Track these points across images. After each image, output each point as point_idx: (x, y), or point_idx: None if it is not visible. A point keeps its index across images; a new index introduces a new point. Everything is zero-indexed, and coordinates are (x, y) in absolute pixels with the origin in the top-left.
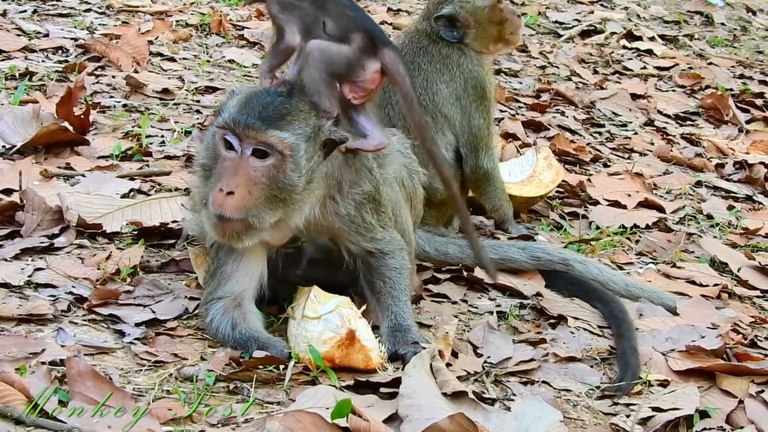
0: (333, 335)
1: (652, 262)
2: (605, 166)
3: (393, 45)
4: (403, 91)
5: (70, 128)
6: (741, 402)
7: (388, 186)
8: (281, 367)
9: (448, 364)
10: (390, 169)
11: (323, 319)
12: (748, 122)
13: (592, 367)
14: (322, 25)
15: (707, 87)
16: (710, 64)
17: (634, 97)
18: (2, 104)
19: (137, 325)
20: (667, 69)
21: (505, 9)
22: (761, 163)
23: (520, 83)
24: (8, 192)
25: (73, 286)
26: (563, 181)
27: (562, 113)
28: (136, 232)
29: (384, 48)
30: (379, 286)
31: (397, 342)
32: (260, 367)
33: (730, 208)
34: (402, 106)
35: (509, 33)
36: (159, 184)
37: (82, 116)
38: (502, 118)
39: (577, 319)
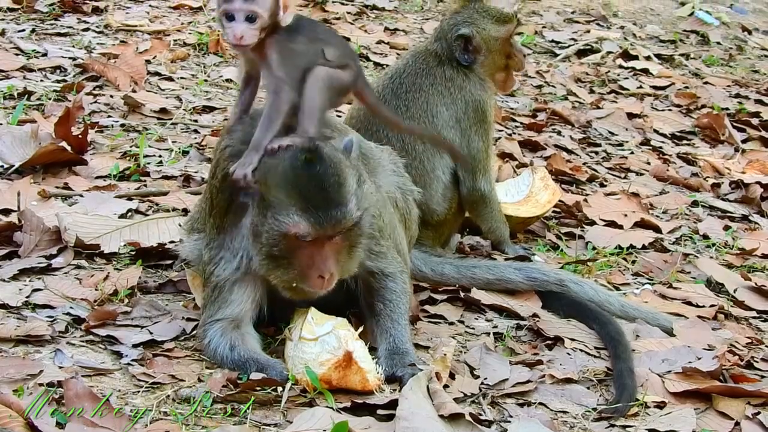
0: (330, 357)
1: (649, 283)
2: (602, 185)
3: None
4: (370, 103)
5: (69, 148)
6: (738, 424)
7: (382, 203)
8: (278, 388)
9: (445, 386)
10: (383, 189)
11: (320, 340)
12: (744, 142)
13: (588, 388)
14: (321, 53)
15: (703, 106)
16: (706, 83)
17: (631, 116)
18: (1, 124)
19: (135, 346)
20: (663, 88)
21: (515, 45)
22: (757, 182)
23: (517, 102)
24: (6, 212)
25: (71, 307)
26: (560, 201)
27: (559, 133)
28: (133, 253)
29: (363, 78)
30: (379, 308)
31: (395, 364)
32: (257, 388)
33: (727, 228)
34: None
35: (514, 67)
36: (156, 204)
37: (80, 136)
38: (499, 138)
39: (573, 340)
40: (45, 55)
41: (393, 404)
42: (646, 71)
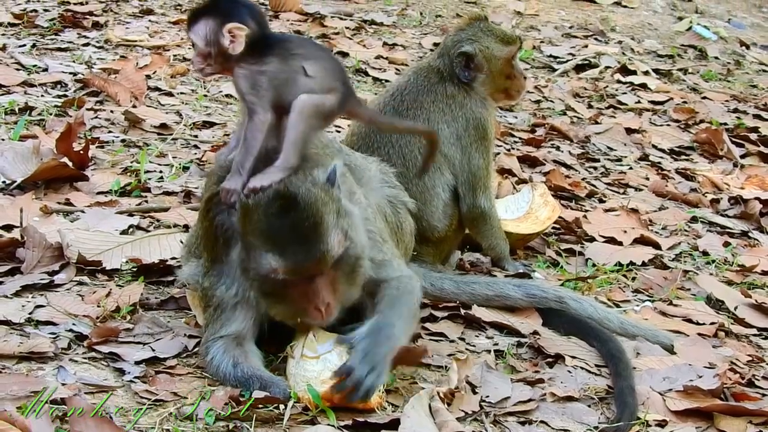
0: (332, 375)
1: (649, 300)
2: (601, 201)
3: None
4: (367, 118)
5: (70, 164)
6: None
7: (371, 216)
8: (281, 406)
9: (447, 404)
10: (371, 200)
11: (322, 358)
12: (742, 157)
13: (590, 406)
14: (302, 70)
15: (702, 121)
16: (704, 98)
17: (629, 131)
18: (2, 140)
19: (137, 363)
20: (662, 103)
21: (516, 67)
22: (756, 198)
23: (515, 118)
24: (9, 228)
25: (74, 324)
26: (559, 217)
27: (558, 148)
28: (135, 269)
29: (353, 97)
30: (381, 304)
31: (364, 340)
32: (260, 406)
33: (726, 244)
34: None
35: (514, 89)
36: (158, 220)
37: (81, 152)
38: (498, 153)
39: (574, 357)
40: (46, 70)
41: (395, 423)
42: (644, 86)
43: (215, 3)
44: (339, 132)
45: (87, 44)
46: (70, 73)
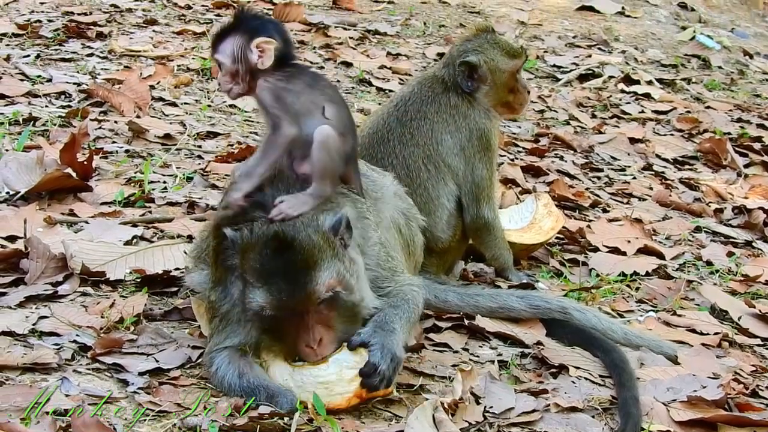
0: (354, 371)
1: (653, 310)
2: (604, 211)
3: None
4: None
5: (74, 174)
6: None
7: (385, 230)
8: (285, 417)
9: (451, 414)
10: (386, 212)
11: (333, 360)
12: (746, 166)
13: (593, 417)
14: (322, 110)
15: (705, 131)
16: (708, 107)
17: (633, 141)
18: (6, 150)
19: (141, 374)
20: (665, 113)
21: (520, 80)
22: (760, 208)
23: (519, 127)
24: (12, 239)
25: (77, 335)
26: (563, 227)
27: (561, 158)
28: (139, 280)
29: (354, 157)
30: (379, 311)
31: (375, 335)
32: (265, 416)
33: (730, 254)
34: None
35: (516, 103)
36: (161, 231)
37: (85, 162)
38: (502, 163)
39: (578, 368)
40: (50, 80)
41: None
42: (647, 96)
43: (241, 20)
44: None
45: (91, 54)
46: (74, 83)
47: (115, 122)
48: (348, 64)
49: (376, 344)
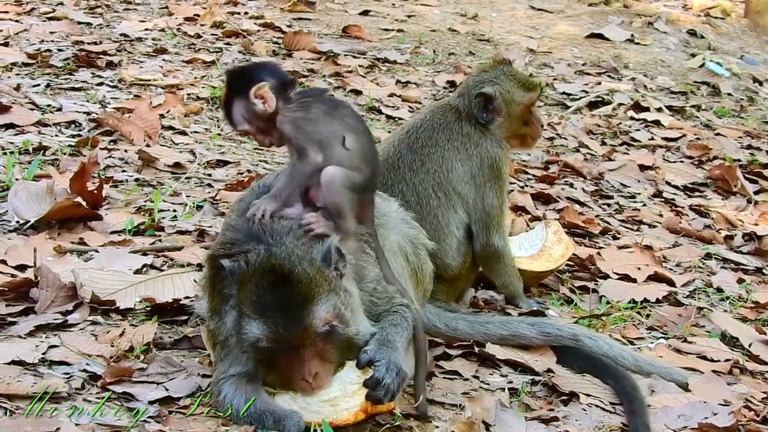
0: (357, 386)
1: (663, 337)
2: (615, 238)
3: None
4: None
5: (84, 203)
6: None
7: (392, 255)
8: None
9: None
10: (391, 238)
11: (335, 378)
12: (756, 193)
13: None
14: (342, 140)
15: (715, 158)
16: (718, 134)
17: (643, 168)
18: (17, 179)
19: (151, 402)
20: (675, 140)
21: (534, 114)
22: None
23: (529, 155)
24: (23, 268)
25: (87, 364)
26: (573, 254)
27: (571, 185)
28: (149, 309)
29: (373, 189)
30: (379, 330)
31: (380, 351)
32: None
33: (740, 281)
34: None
35: (529, 137)
36: (171, 259)
37: (95, 191)
38: (512, 191)
39: (589, 395)
40: (60, 109)
41: None
42: (657, 123)
43: (229, 87)
44: None
45: (101, 83)
46: (84, 112)
47: (125, 151)
48: (358, 92)
49: (382, 360)
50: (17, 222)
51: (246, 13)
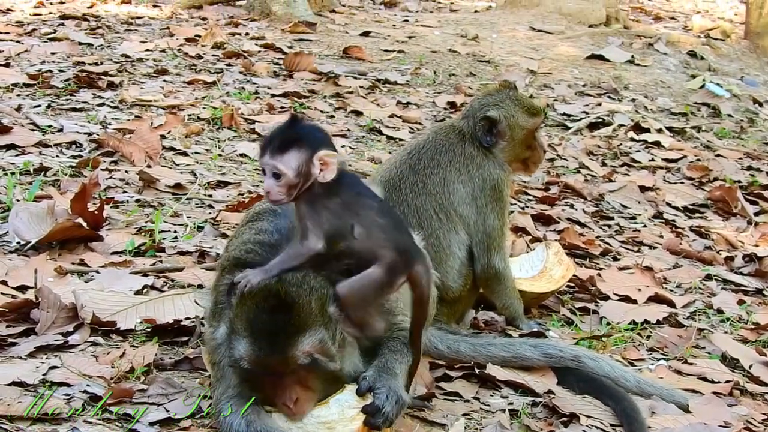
0: (356, 411)
1: (664, 359)
2: (615, 259)
3: (423, 256)
4: (420, 295)
5: (85, 224)
6: None
7: None
8: None
9: None
10: None
11: (334, 401)
12: (756, 214)
13: None
14: (350, 228)
15: (715, 179)
16: (718, 155)
17: (643, 189)
18: (17, 200)
19: (151, 424)
20: (675, 161)
21: (537, 139)
22: None
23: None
24: (23, 289)
25: (88, 385)
26: (573, 276)
27: (571, 206)
28: (149, 330)
29: (415, 263)
30: (379, 356)
31: (380, 378)
32: None
33: (741, 302)
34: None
35: (531, 162)
36: (172, 280)
37: (96, 212)
38: (512, 212)
39: (589, 417)
40: (60, 130)
41: None
42: (657, 144)
43: (304, 132)
44: (368, 176)
45: (102, 104)
46: (85, 133)
47: (126, 172)
48: (358, 113)
49: (382, 387)
50: (18, 243)
51: (247, 34)
